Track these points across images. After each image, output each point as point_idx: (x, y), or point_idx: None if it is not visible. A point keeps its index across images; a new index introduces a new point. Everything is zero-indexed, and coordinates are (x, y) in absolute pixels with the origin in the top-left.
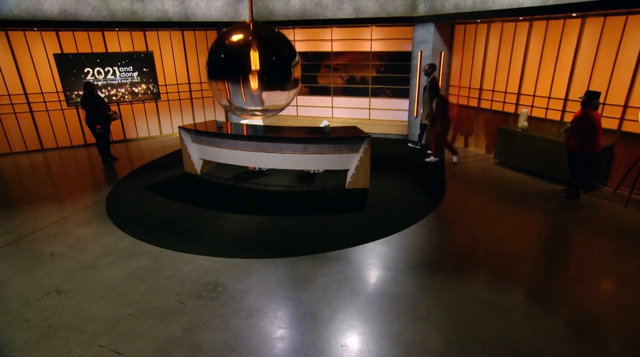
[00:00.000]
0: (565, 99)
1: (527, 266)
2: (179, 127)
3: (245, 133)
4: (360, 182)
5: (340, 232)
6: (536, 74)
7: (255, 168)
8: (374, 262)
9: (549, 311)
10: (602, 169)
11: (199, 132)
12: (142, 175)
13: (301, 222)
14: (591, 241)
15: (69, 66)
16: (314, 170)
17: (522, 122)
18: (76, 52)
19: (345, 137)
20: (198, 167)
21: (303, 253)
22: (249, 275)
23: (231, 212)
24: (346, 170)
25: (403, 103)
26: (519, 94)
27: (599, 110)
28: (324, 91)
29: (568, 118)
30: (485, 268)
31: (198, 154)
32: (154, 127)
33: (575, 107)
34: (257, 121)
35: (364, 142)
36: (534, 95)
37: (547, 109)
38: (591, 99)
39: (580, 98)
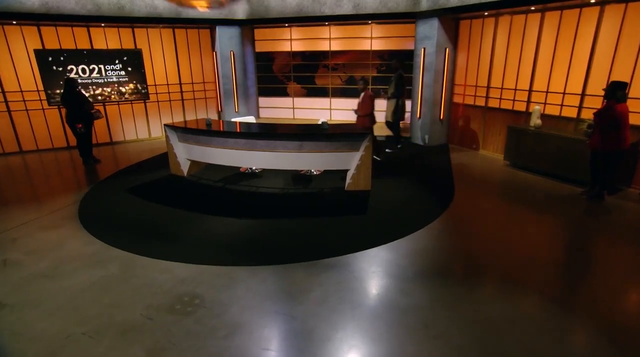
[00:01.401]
0: (582, 95)
1: (551, 275)
2: (165, 125)
3: (237, 131)
4: (361, 184)
5: (339, 236)
6: (549, 69)
7: (247, 169)
8: (378, 270)
9: (581, 324)
10: (628, 168)
11: (185, 130)
12: (124, 177)
13: (296, 226)
14: (621, 247)
15: (51, 63)
16: (311, 171)
17: (535, 120)
18: (59, 48)
19: (344, 133)
20: (185, 168)
21: (297, 260)
22: (232, 285)
23: (218, 215)
24: (345, 171)
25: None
26: (530, 90)
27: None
28: (322, 92)
29: (586, 114)
30: (505, 277)
31: (185, 154)
32: (142, 129)
33: (593, 102)
34: (250, 119)
35: (365, 139)
36: (547, 92)
37: (561, 105)
38: (615, 90)
39: (603, 89)
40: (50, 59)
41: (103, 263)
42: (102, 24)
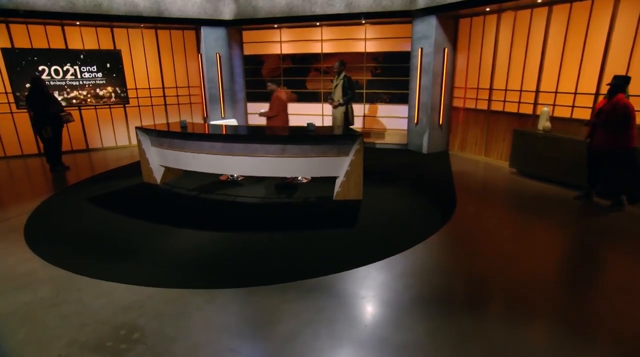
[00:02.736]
0: (596, 94)
1: (571, 299)
2: (136, 128)
3: (212, 133)
4: (351, 193)
5: (323, 253)
6: (558, 68)
7: (229, 177)
8: (368, 295)
9: None
10: None
11: (159, 133)
12: (91, 185)
13: (274, 240)
14: None
15: (21, 63)
16: (297, 179)
17: (544, 123)
18: (30, 47)
19: (331, 136)
20: (158, 175)
21: (270, 281)
22: (185, 313)
23: (186, 227)
24: (334, 178)
25: (402, 109)
26: (537, 91)
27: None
28: (313, 97)
29: None
30: (517, 302)
31: (158, 160)
32: (121, 136)
33: None
34: (232, 121)
35: (355, 142)
36: (556, 92)
37: (572, 106)
38: (625, 84)
39: (608, 84)
40: (19, 58)
41: (34, 285)
42: (78, 23)
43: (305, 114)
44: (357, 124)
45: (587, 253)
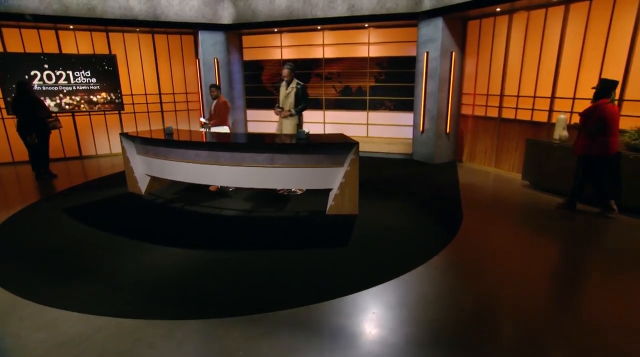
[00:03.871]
0: (620, 100)
1: (602, 337)
2: (121, 134)
3: (197, 140)
4: (345, 207)
5: (306, 277)
6: (576, 72)
7: (218, 188)
8: (351, 331)
9: None
10: None
11: (144, 140)
12: (72, 195)
13: (255, 260)
14: None
15: (12, 67)
16: (291, 190)
17: (560, 132)
18: (23, 52)
19: (324, 144)
20: (143, 185)
21: (239, 311)
22: (133, 352)
23: (162, 244)
24: (328, 191)
25: (407, 117)
26: (552, 97)
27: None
28: (314, 104)
29: (624, 124)
30: (533, 342)
31: (142, 169)
32: (116, 143)
33: (633, 109)
34: (223, 129)
35: (350, 151)
36: (573, 98)
37: None
38: (609, 88)
39: (592, 88)
40: (11, 63)
41: None
42: (71, 27)
43: (306, 122)
44: (360, 133)
45: (608, 277)
